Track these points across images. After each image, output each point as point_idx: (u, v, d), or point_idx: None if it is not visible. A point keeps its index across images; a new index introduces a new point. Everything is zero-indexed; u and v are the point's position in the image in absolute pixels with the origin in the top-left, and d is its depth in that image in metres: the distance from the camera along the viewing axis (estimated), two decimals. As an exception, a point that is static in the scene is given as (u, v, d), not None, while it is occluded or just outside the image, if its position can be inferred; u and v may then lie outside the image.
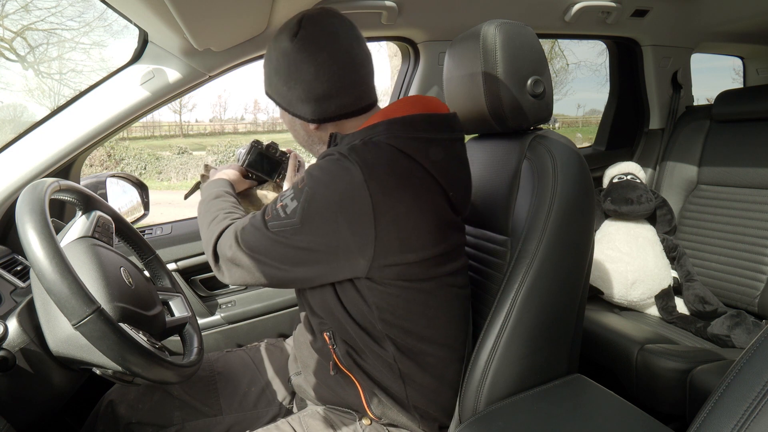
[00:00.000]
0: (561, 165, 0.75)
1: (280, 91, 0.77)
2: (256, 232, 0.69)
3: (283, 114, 0.81)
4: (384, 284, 0.68)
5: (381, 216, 0.63)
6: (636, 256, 1.46)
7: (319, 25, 0.73)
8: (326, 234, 0.64)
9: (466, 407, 0.73)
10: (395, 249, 0.65)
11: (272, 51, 0.76)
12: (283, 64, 0.74)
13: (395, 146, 0.66)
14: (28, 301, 0.71)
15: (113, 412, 0.84)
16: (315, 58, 0.71)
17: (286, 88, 0.75)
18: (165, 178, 12.27)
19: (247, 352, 1.02)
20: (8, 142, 1.00)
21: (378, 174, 0.63)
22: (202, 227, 0.81)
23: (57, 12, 12.08)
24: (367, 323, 0.72)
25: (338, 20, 0.74)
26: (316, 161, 0.70)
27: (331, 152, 0.68)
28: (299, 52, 0.72)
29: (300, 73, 0.73)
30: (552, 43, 11.28)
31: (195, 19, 0.82)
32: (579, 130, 16.85)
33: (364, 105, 0.77)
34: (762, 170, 1.45)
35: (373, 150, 0.65)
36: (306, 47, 0.72)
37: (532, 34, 0.85)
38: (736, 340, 1.25)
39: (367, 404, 0.77)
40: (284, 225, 0.66)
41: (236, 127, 22.41)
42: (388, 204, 0.63)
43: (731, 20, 1.72)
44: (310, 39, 0.72)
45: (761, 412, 0.39)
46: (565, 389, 0.74)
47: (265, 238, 0.67)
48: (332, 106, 0.75)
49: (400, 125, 0.69)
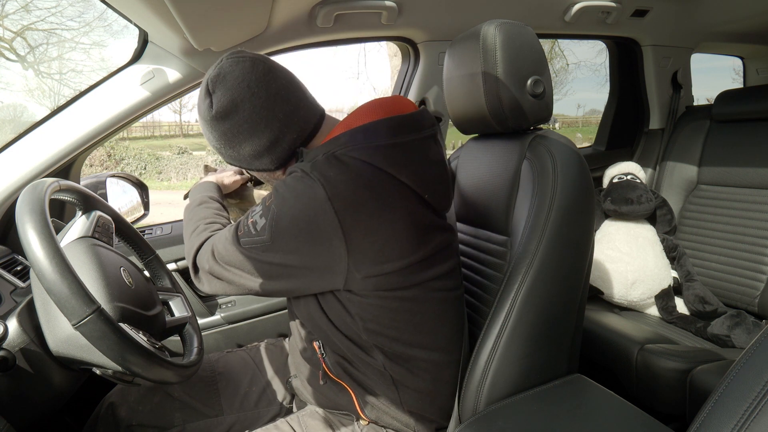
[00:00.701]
0: (561, 165, 0.75)
1: (234, 157, 0.76)
2: (230, 246, 0.69)
3: (250, 173, 0.82)
4: (364, 295, 0.67)
5: (350, 231, 0.62)
6: (636, 256, 1.46)
7: (225, 84, 0.71)
8: (296, 251, 0.64)
9: (466, 407, 0.73)
10: (371, 261, 0.64)
11: (204, 127, 0.75)
12: (218, 136, 0.73)
13: (358, 158, 0.65)
14: (28, 301, 0.71)
15: (114, 415, 0.84)
16: (240, 119, 0.71)
17: (236, 152, 0.75)
18: (165, 178, 12.26)
19: (247, 352, 1.02)
20: (8, 142, 1.00)
21: (341, 189, 0.62)
22: (185, 236, 0.82)
23: (57, 12, 12.07)
24: (352, 333, 0.71)
25: (241, 66, 0.71)
26: (284, 178, 0.69)
27: (295, 169, 0.67)
28: (223, 121, 0.71)
29: (237, 138, 0.72)
30: (552, 43, 11.28)
31: (195, 19, 0.82)
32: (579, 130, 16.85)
33: (314, 123, 0.75)
34: (762, 170, 1.45)
35: (335, 164, 0.64)
36: (226, 114, 0.71)
37: (532, 34, 0.85)
38: (736, 340, 1.25)
39: (360, 409, 0.76)
40: (255, 242, 0.66)
41: (236, 127, 22.30)
42: (356, 218, 0.62)
43: (731, 20, 1.72)
44: (225, 104, 0.70)
45: (761, 412, 0.39)
46: (565, 389, 0.73)
47: (239, 253, 0.68)
48: (284, 146, 0.74)
49: (362, 135, 0.68)
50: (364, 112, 0.72)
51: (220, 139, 0.74)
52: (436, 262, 0.70)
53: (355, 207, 0.63)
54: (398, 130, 0.69)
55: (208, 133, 0.75)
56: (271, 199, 0.67)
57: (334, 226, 0.62)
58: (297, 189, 0.64)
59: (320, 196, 0.62)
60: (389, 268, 0.65)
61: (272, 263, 0.66)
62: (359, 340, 0.72)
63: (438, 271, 0.71)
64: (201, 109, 0.74)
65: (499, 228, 0.83)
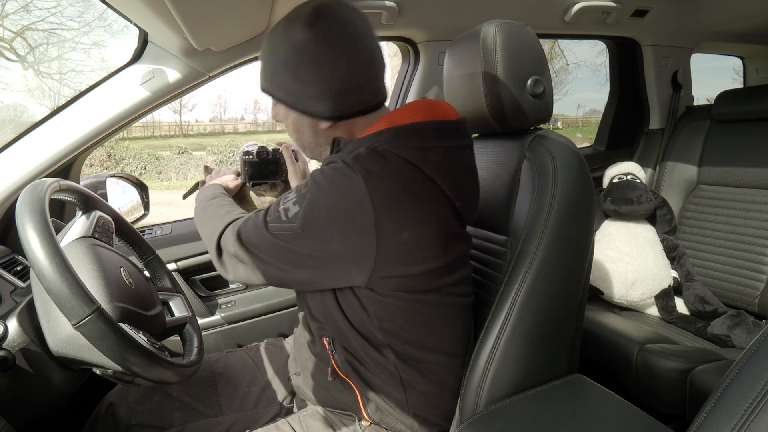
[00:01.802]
0: (561, 165, 0.75)
1: (288, 88, 0.70)
2: (256, 230, 0.68)
3: (287, 113, 0.74)
4: (384, 295, 0.67)
5: (383, 228, 0.61)
6: (636, 256, 1.46)
7: (337, 15, 0.67)
8: (326, 242, 0.63)
9: (466, 407, 0.73)
10: (397, 261, 0.64)
11: (279, 43, 0.68)
12: (296, 58, 0.67)
13: (401, 156, 0.63)
14: (28, 301, 0.71)
15: (113, 415, 0.84)
16: (336, 51, 0.66)
17: (298, 83, 0.69)
18: (165, 178, 12.26)
19: (247, 352, 1.02)
20: (8, 142, 1.00)
21: (382, 185, 0.61)
22: (204, 225, 0.80)
23: (57, 12, 12.09)
24: (367, 331, 0.71)
25: (355, 12, 0.69)
26: (321, 167, 0.67)
27: (335, 160, 0.65)
28: (317, 44, 0.65)
29: (318, 67, 0.66)
30: (552, 43, 11.28)
31: (195, 19, 0.82)
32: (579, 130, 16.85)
33: (378, 101, 0.73)
34: (762, 170, 1.45)
35: (378, 160, 0.63)
36: (325, 39, 0.65)
37: (532, 34, 0.84)
38: (736, 340, 1.25)
39: (364, 409, 0.76)
40: (284, 228, 0.65)
41: (236, 127, 22.38)
42: (392, 216, 0.61)
43: (731, 20, 1.72)
44: (328, 30, 0.65)
45: (761, 412, 0.39)
46: (565, 389, 0.73)
47: (266, 238, 0.66)
48: (352, 102, 0.70)
49: (406, 133, 0.66)
50: (409, 111, 0.70)
51: (292, 60, 0.68)
52: (456, 269, 0.70)
53: (392, 205, 0.62)
54: (444, 134, 0.68)
55: (283, 48, 0.68)
56: (307, 187, 0.64)
57: (369, 221, 0.60)
58: (336, 180, 0.62)
59: (361, 190, 0.60)
60: (413, 270, 0.65)
61: (299, 252, 0.64)
62: (373, 338, 0.71)
63: (456, 277, 0.71)
64: (291, 21, 0.68)
65: (499, 228, 0.83)
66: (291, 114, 0.74)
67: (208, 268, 1.36)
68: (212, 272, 1.36)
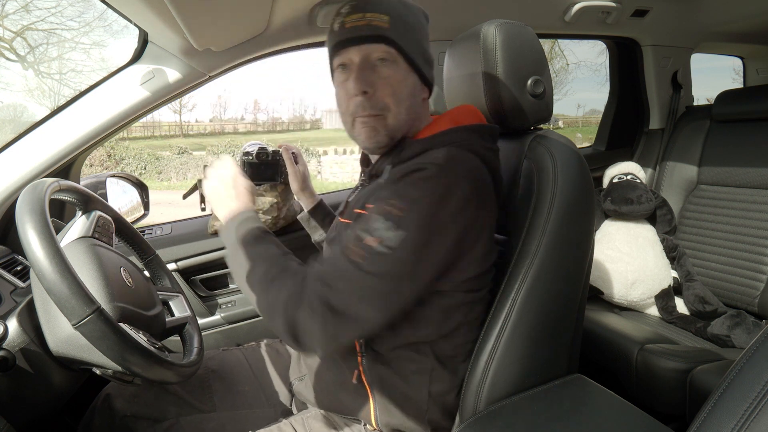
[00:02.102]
0: (561, 165, 0.75)
1: (421, 48, 0.73)
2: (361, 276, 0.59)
3: (408, 74, 0.72)
4: (447, 292, 0.69)
5: (471, 228, 0.65)
6: (636, 256, 1.46)
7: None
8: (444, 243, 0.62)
9: (466, 407, 0.73)
10: (466, 258, 0.66)
11: (417, 16, 0.74)
12: (421, 26, 0.74)
13: (476, 154, 0.68)
14: (28, 301, 0.71)
15: (110, 406, 0.85)
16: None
17: (426, 46, 0.75)
18: (165, 178, 12.26)
19: (243, 352, 1.02)
20: (8, 142, 1.00)
21: (475, 184, 0.64)
22: (257, 285, 0.65)
23: (57, 12, 12.07)
24: (416, 329, 0.70)
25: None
26: (405, 177, 0.64)
27: (423, 166, 0.63)
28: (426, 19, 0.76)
29: (426, 35, 0.75)
30: (552, 43, 11.28)
31: (195, 19, 0.81)
32: (579, 130, 16.85)
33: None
34: (762, 170, 1.45)
35: (467, 160, 0.66)
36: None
37: (532, 34, 0.84)
38: (736, 340, 1.25)
39: (374, 415, 0.75)
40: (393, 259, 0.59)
41: (236, 127, 22.37)
42: (478, 215, 0.65)
43: (731, 20, 1.72)
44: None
45: (761, 412, 0.39)
46: (565, 389, 0.73)
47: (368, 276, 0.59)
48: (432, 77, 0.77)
49: (476, 134, 0.71)
50: (465, 113, 0.76)
51: (420, 26, 0.74)
52: (490, 272, 0.74)
53: (480, 205, 0.65)
54: (495, 139, 0.75)
55: (412, 13, 0.73)
56: (396, 206, 0.60)
57: (470, 223, 0.64)
58: (442, 183, 0.62)
59: (466, 192, 0.63)
60: (475, 270, 0.69)
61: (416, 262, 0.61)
62: (417, 336, 0.71)
63: (487, 279, 0.74)
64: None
65: (499, 228, 0.83)
66: (411, 77, 0.73)
67: (208, 268, 1.36)
68: (212, 272, 1.36)
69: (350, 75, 0.71)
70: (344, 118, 0.75)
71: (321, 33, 1.21)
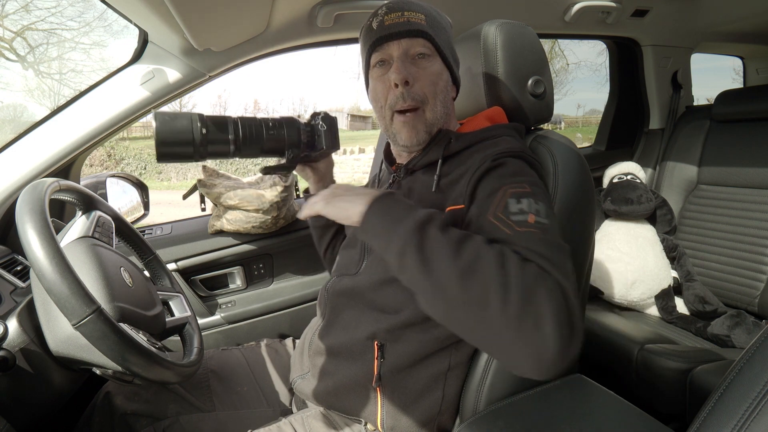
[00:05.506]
0: (561, 165, 0.75)
1: (451, 48, 0.78)
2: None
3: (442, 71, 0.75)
4: None
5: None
6: (636, 256, 1.46)
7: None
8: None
9: (466, 407, 0.73)
10: None
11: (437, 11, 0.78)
12: (450, 29, 0.79)
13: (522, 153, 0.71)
14: (28, 301, 0.71)
15: (110, 404, 0.85)
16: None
17: (454, 48, 0.80)
18: (165, 178, 12.26)
19: (242, 352, 1.02)
20: (8, 142, 1.00)
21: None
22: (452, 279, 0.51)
23: (57, 12, 12.08)
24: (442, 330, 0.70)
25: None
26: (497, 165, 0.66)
27: (508, 152, 0.68)
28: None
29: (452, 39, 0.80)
30: (552, 43, 11.28)
31: (195, 19, 0.82)
32: (579, 130, 16.85)
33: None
34: (762, 170, 1.45)
35: (528, 152, 0.71)
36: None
37: (533, 34, 0.85)
38: (736, 340, 1.25)
39: (380, 418, 0.74)
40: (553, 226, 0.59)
41: (236, 127, 22.27)
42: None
43: (731, 20, 1.72)
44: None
45: (761, 412, 0.39)
46: (565, 389, 0.73)
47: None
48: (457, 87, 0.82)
49: (515, 132, 0.76)
50: (500, 113, 0.81)
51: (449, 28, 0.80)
52: None
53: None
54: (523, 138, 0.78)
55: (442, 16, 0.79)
56: (521, 187, 0.61)
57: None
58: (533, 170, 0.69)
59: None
60: None
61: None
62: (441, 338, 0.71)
63: None
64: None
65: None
66: (445, 73, 0.76)
67: (208, 268, 1.36)
68: (212, 272, 1.36)
69: (389, 69, 0.74)
70: (382, 113, 0.76)
71: (321, 33, 1.21)
